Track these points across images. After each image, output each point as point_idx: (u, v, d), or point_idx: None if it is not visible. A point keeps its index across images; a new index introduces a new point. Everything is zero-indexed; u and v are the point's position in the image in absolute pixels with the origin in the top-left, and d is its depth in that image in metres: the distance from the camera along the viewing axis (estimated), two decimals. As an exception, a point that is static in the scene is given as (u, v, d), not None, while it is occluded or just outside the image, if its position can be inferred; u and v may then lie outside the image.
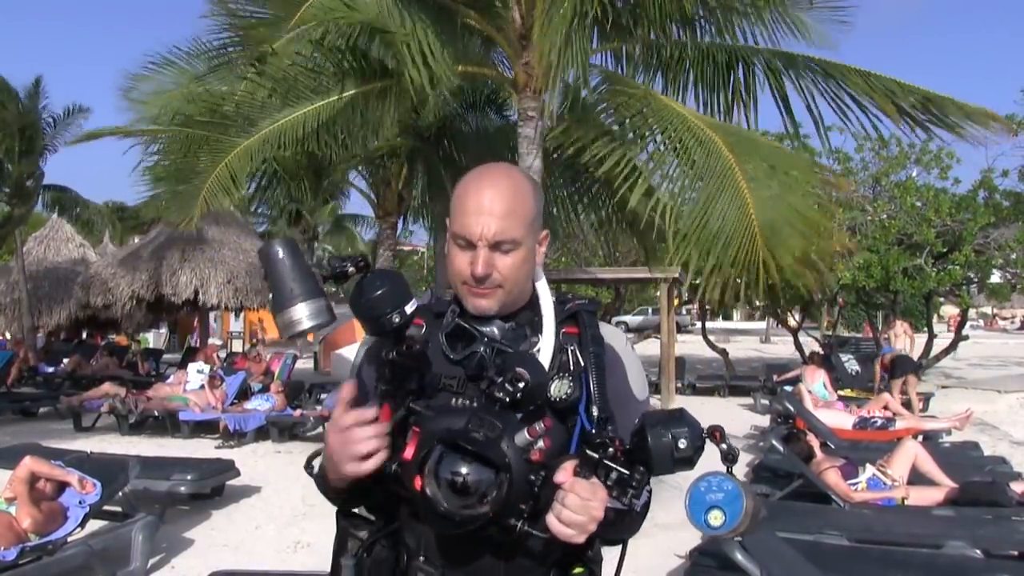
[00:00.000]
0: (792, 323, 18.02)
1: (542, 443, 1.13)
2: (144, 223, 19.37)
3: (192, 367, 10.71)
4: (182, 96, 8.16)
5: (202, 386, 10.07)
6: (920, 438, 7.53)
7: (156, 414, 9.82)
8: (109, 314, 15.57)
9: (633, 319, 33.78)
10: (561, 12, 5.61)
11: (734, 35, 6.78)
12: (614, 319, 23.91)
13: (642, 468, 1.12)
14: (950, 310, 27.83)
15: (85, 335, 19.09)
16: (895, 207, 13.97)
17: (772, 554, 3.32)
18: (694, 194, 5.96)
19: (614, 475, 1.11)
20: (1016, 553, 4.17)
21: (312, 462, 1.32)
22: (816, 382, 9.62)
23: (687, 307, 30.60)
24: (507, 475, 1.08)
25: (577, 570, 1.27)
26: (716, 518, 1.11)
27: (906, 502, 5.36)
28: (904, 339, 12.65)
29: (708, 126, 6.16)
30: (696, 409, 1.17)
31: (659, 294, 13.07)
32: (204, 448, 8.67)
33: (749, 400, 12.89)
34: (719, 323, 38.54)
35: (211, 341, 19.73)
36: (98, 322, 17.33)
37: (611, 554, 1.30)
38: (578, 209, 9.08)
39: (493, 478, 1.08)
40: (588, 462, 1.12)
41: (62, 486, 4.49)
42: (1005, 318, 49.50)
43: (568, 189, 8.98)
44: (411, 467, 1.14)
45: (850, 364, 12.52)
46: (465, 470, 1.09)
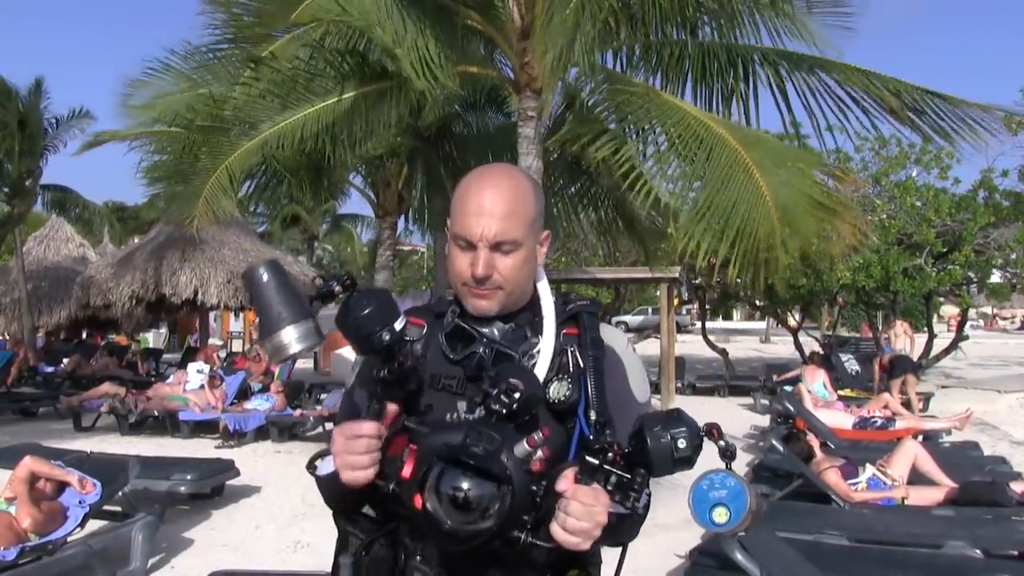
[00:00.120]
0: (792, 323, 18.03)
1: (541, 453, 1.12)
2: (144, 223, 19.39)
3: (192, 367, 10.70)
4: (182, 101, 8.15)
5: (202, 386, 10.07)
6: (920, 438, 7.53)
7: (156, 414, 9.82)
8: (109, 314, 15.55)
9: (633, 319, 33.77)
10: (566, 13, 5.60)
11: (735, 37, 6.78)
12: (614, 319, 23.93)
13: (642, 471, 1.12)
14: (950, 310, 27.81)
15: (85, 335, 19.08)
16: (895, 207, 13.96)
17: (772, 554, 3.32)
18: (699, 183, 5.92)
19: (614, 479, 1.11)
20: (1016, 553, 4.17)
21: (315, 463, 1.31)
22: (816, 382, 9.61)
23: (687, 307, 30.59)
24: (509, 487, 1.07)
25: (572, 572, 1.26)
26: (721, 515, 1.12)
27: (906, 502, 5.36)
28: (904, 339, 12.66)
29: (711, 121, 6.15)
30: (696, 409, 1.17)
31: (659, 294, 13.08)
32: (204, 448, 8.67)
33: (749, 400, 12.88)
34: (719, 323, 38.48)
35: (211, 341, 19.73)
36: (98, 322, 17.32)
37: (611, 554, 1.30)
38: (578, 209, 9.07)
39: (495, 491, 1.07)
40: (588, 468, 1.12)
41: (62, 486, 4.48)
42: (1005, 318, 49.47)
43: (568, 189, 8.97)
44: (411, 485, 1.12)
45: (850, 364, 12.51)
46: (467, 485, 1.08)
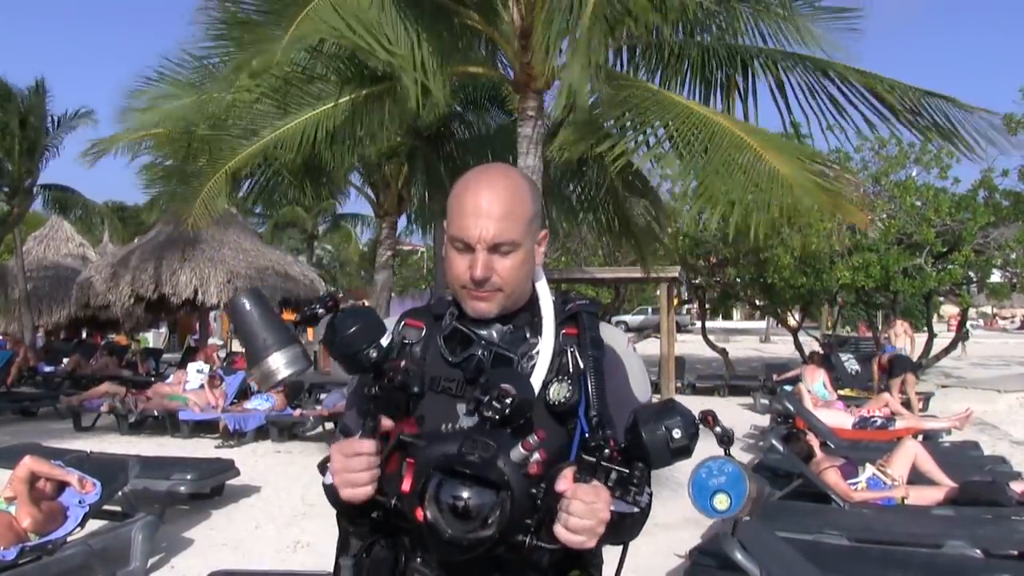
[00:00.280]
0: (792, 323, 18.02)
1: (538, 455, 1.12)
2: (145, 226, 19.41)
3: (192, 367, 10.70)
4: (182, 108, 8.16)
5: (202, 386, 10.07)
6: (920, 438, 7.53)
7: (156, 414, 9.83)
8: (109, 314, 15.57)
9: (633, 319, 33.76)
10: (570, 14, 5.60)
11: (738, 38, 6.78)
12: (614, 319, 23.92)
13: (641, 464, 1.11)
14: (950, 310, 27.80)
15: (85, 335, 19.10)
16: (895, 207, 13.96)
17: (772, 554, 3.32)
18: (701, 164, 5.91)
19: (614, 475, 1.11)
20: (1016, 553, 4.16)
21: (327, 464, 1.30)
22: (816, 382, 9.61)
23: (687, 307, 30.58)
24: (508, 493, 1.07)
25: (574, 573, 1.26)
26: (722, 502, 1.11)
27: (906, 502, 5.35)
28: (904, 339, 12.66)
29: (711, 114, 6.15)
30: (695, 409, 1.16)
31: (659, 294, 13.07)
32: (204, 448, 8.67)
33: (749, 400, 12.88)
34: (719, 323, 38.45)
35: (211, 341, 19.72)
36: (98, 322, 17.34)
37: (611, 554, 1.30)
38: (577, 210, 9.06)
39: (495, 498, 1.07)
40: (586, 466, 1.12)
41: (62, 486, 4.48)
42: (1005, 318, 49.45)
43: (568, 189, 8.97)
44: (411, 498, 1.12)
45: (850, 364, 12.50)
46: (466, 494, 1.07)
